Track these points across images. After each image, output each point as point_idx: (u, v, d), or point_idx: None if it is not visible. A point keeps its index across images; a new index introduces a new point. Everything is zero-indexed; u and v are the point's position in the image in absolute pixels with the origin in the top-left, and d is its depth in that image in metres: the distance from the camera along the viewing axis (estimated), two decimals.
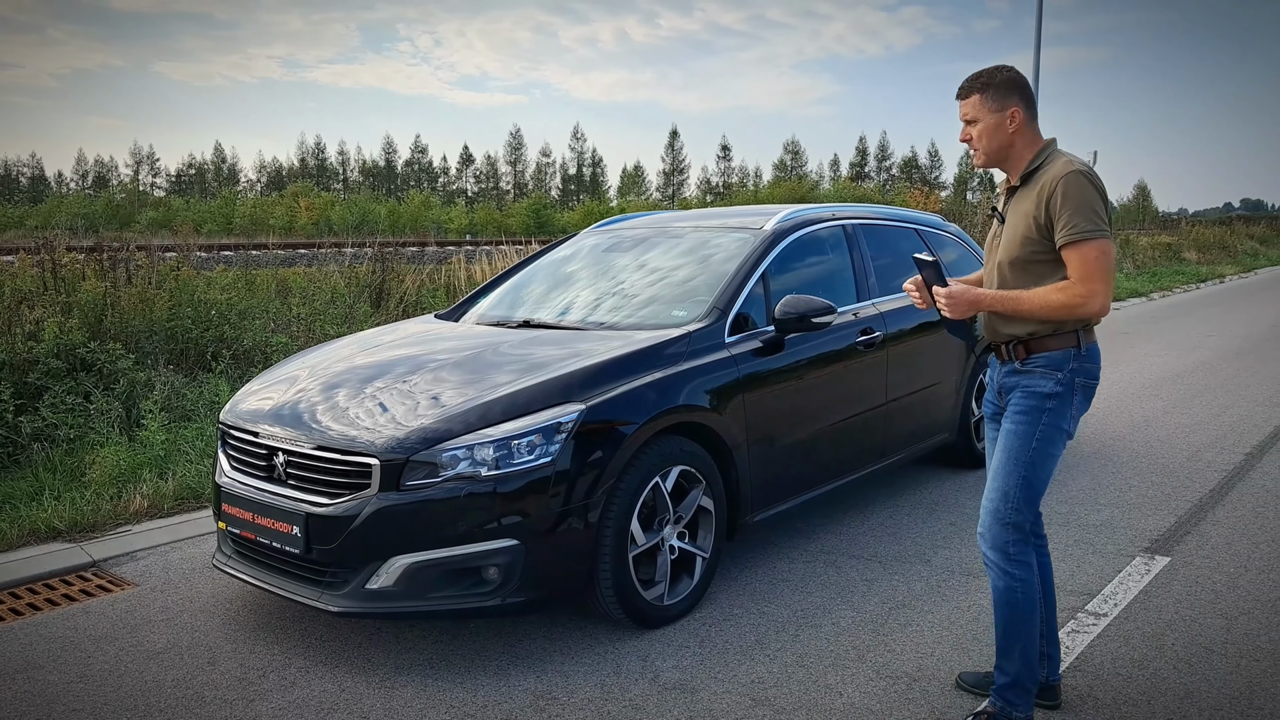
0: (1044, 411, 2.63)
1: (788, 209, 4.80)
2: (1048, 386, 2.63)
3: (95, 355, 6.10)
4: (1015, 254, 2.64)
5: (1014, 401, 2.69)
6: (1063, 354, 2.63)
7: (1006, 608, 2.69)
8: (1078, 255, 2.51)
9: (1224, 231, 35.67)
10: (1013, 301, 2.60)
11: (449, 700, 2.98)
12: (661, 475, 3.46)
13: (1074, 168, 2.54)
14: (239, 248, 18.67)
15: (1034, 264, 2.62)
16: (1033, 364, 2.66)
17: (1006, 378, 2.73)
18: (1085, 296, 2.51)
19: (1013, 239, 2.65)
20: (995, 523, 2.68)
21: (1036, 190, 2.59)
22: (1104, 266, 2.50)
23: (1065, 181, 2.52)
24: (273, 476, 3.41)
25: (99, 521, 4.57)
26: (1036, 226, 2.58)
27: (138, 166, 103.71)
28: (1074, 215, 2.50)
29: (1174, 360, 9.63)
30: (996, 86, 2.65)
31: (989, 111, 2.65)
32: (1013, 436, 2.66)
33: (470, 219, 63.73)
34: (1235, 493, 5.07)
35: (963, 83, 2.72)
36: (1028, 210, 2.61)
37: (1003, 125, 2.64)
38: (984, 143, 2.67)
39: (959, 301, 2.65)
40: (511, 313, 4.57)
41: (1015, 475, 2.65)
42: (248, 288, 9.17)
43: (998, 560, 2.68)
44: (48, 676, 3.17)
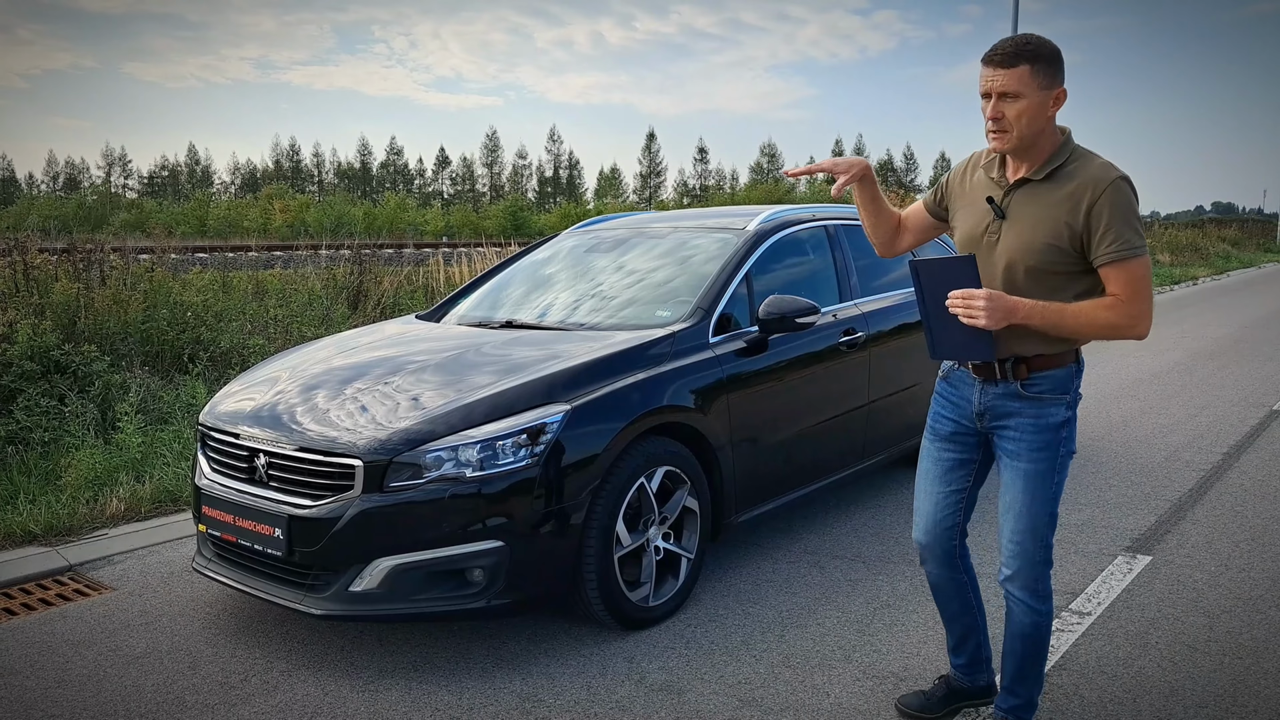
0: (1060, 442, 2.41)
1: (770, 209, 4.81)
2: (1060, 415, 2.40)
3: (69, 357, 6.01)
4: (1034, 261, 2.31)
5: (1025, 436, 2.42)
6: (1066, 372, 2.41)
7: (1032, 641, 2.54)
8: (1127, 273, 2.23)
9: (1196, 234, 36.16)
10: (1056, 314, 2.26)
11: (434, 703, 2.96)
12: (646, 476, 3.44)
13: (1118, 173, 2.25)
14: (214, 250, 18.47)
15: (1053, 275, 2.32)
16: (1038, 388, 2.40)
17: (1000, 401, 2.44)
18: (1136, 318, 2.25)
19: (1030, 244, 2.32)
20: (1028, 564, 2.46)
21: (1068, 192, 2.27)
22: (1149, 285, 2.27)
23: (1113, 190, 2.23)
24: (254, 478, 3.37)
25: (75, 525, 4.50)
26: (1070, 235, 2.26)
27: (109, 168, 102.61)
28: (1122, 229, 2.21)
29: (1150, 361, 9.73)
30: (1048, 59, 2.23)
31: (1038, 88, 2.23)
32: (1035, 477, 2.42)
33: (447, 221, 63.44)
34: (1214, 492, 5.12)
35: (1003, 48, 2.24)
36: (1054, 215, 2.28)
37: (1046, 107, 2.25)
38: (1023, 123, 2.25)
39: (998, 307, 2.22)
40: (493, 313, 4.55)
41: (1044, 514, 2.44)
42: (224, 289, 9.09)
43: (1027, 599, 2.50)
44: (25, 682, 3.11)
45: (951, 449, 2.61)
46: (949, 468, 2.62)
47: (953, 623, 2.79)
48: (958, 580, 2.72)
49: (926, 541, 2.69)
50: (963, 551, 2.71)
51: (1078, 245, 2.28)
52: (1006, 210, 2.38)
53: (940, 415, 2.62)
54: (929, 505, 2.66)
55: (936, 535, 2.67)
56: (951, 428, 2.59)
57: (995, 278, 2.39)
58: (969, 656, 2.81)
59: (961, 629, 2.79)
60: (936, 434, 2.64)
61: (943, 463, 2.62)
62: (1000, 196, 2.40)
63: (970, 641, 2.80)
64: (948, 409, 2.60)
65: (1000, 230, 2.39)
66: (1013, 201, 2.38)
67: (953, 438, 2.60)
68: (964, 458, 2.61)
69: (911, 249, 2.78)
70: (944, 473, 2.63)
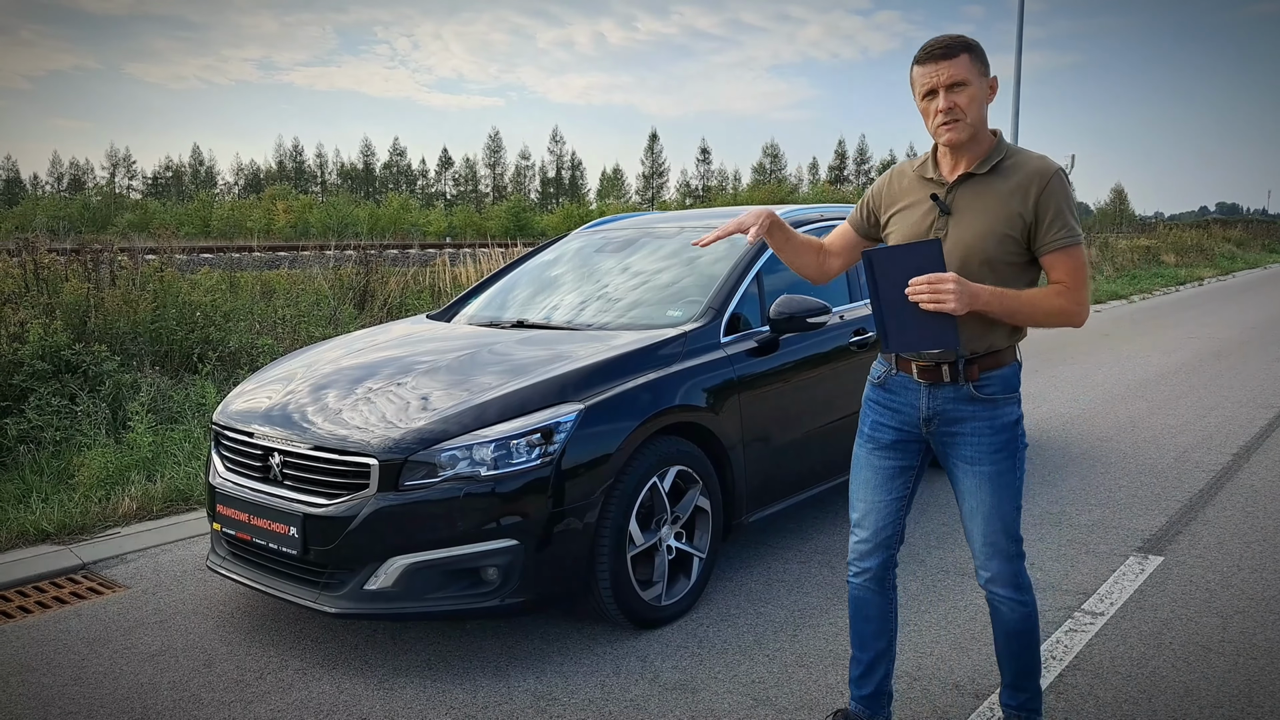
0: (1017, 440, 2.43)
1: (779, 209, 4.80)
2: (1014, 414, 2.42)
3: (80, 357, 6.02)
4: (991, 252, 2.33)
5: (981, 439, 2.41)
6: (1011, 370, 2.43)
7: (1024, 634, 2.53)
8: (1070, 260, 2.31)
9: (1201, 234, 36.09)
10: (1013, 300, 2.29)
11: (449, 701, 2.96)
12: (659, 475, 3.45)
13: (1058, 165, 2.34)
14: (220, 250, 18.50)
15: (1006, 265, 2.35)
16: (990, 389, 2.40)
17: (950, 405, 2.42)
18: (1082, 303, 2.32)
19: (983, 235, 2.33)
20: (1005, 562, 2.45)
21: (1013, 184, 2.32)
22: (1088, 273, 2.36)
23: (1057, 180, 2.31)
24: (268, 477, 3.38)
25: (88, 524, 4.51)
26: (1022, 225, 2.31)
27: (114, 169, 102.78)
28: (1069, 218, 2.30)
29: (1157, 362, 9.72)
30: (979, 49, 2.33)
31: (979, 74, 2.31)
32: (999, 477, 2.41)
33: (449, 222, 63.51)
34: (1224, 493, 5.11)
35: (940, 43, 2.31)
36: (1006, 207, 2.32)
37: (987, 94, 2.34)
38: (974, 111, 2.31)
39: (965, 290, 2.21)
40: (504, 313, 4.56)
41: (1012, 512, 2.44)
42: (231, 290, 9.11)
43: (1011, 595, 2.48)
44: (42, 679, 3.13)
45: (893, 457, 2.55)
46: (890, 476, 2.56)
47: (865, 648, 2.67)
48: (885, 597, 2.65)
49: (867, 550, 2.61)
50: (894, 562, 2.65)
51: (1027, 235, 2.34)
52: (952, 205, 2.39)
53: (879, 424, 2.55)
54: (871, 515, 2.59)
55: (877, 544, 2.60)
56: (894, 436, 2.53)
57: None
58: (875, 687, 2.68)
59: (873, 655, 2.67)
60: (876, 443, 2.56)
61: (884, 471, 2.56)
62: (944, 193, 2.41)
63: (879, 670, 2.68)
64: (887, 416, 2.54)
65: (947, 225, 2.39)
66: (958, 196, 2.39)
67: (895, 445, 2.54)
68: (905, 464, 2.56)
69: (843, 271, 2.77)
70: (885, 481, 2.56)
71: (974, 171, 2.37)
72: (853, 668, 2.71)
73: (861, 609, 2.67)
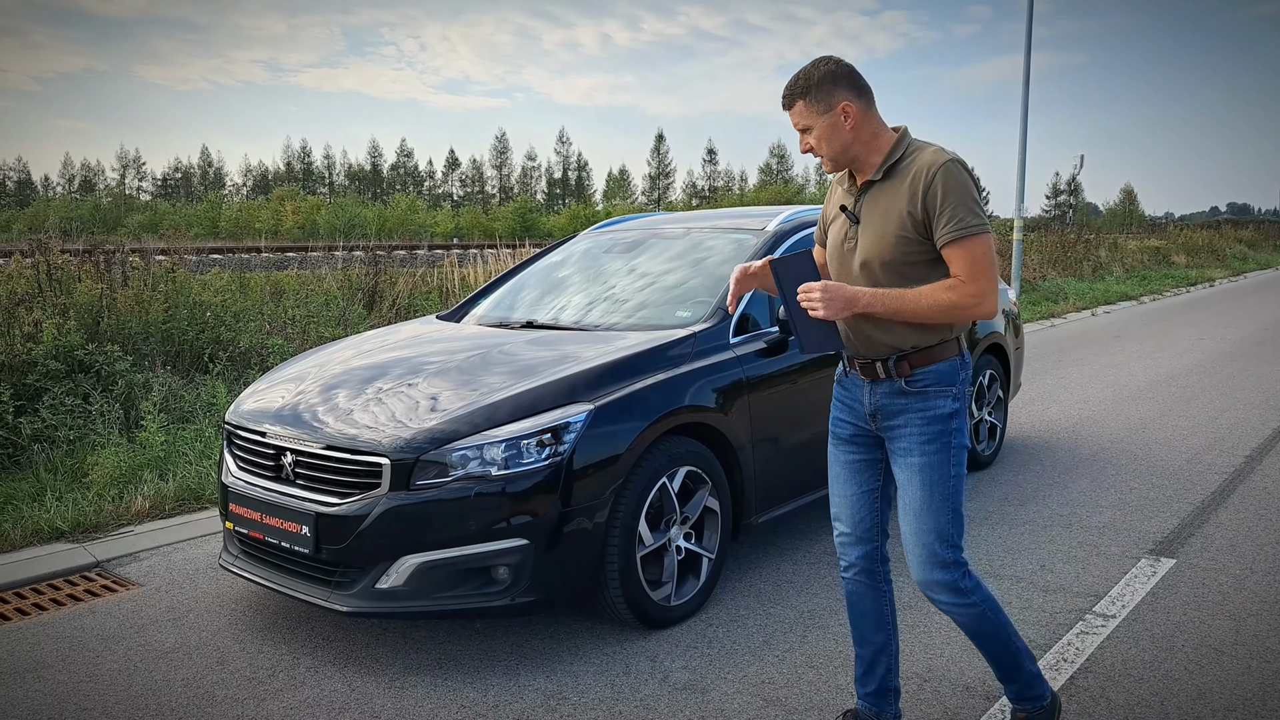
0: (950, 434, 2.41)
1: (788, 210, 4.82)
2: (947, 406, 2.41)
3: (93, 357, 6.06)
4: (888, 256, 2.37)
5: (912, 430, 2.43)
6: (950, 365, 2.42)
7: (986, 633, 2.51)
8: (965, 252, 2.28)
9: (1212, 235, 35.95)
10: (896, 300, 2.31)
11: (460, 700, 2.98)
12: (668, 476, 3.46)
13: (947, 156, 2.32)
14: (229, 251, 18.59)
15: (910, 265, 2.36)
16: (921, 382, 2.41)
17: (888, 399, 2.46)
18: (977, 296, 2.28)
19: (881, 239, 2.37)
20: (937, 567, 2.42)
21: (906, 184, 2.34)
22: (991, 262, 2.29)
23: (944, 172, 2.28)
24: (281, 476, 3.39)
25: (101, 522, 4.55)
26: (914, 223, 2.32)
27: (124, 170, 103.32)
28: (957, 209, 2.27)
29: (1167, 363, 9.69)
30: (817, 86, 2.37)
31: (818, 115, 2.37)
32: (928, 470, 2.41)
33: (456, 222, 63.65)
34: (1237, 495, 5.10)
35: (784, 90, 2.43)
36: (897, 207, 2.35)
37: (838, 125, 2.36)
38: (825, 147, 2.40)
39: (835, 297, 2.28)
40: (514, 314, 4.57)
41: (945, 511, 2.42)
42: (242, 290, 9.15)
43: (951, 600, 2.46)
44: (57, 676, 3.15)
45: (854, 451, 2.60)
46: (856, 469, 2.61)
47: (864, 643, 2.69)
48: (876, 590, 2.66)
49: (848, 542, 2.65)
50: (884, 554, 2.66)
51: (922, 232, 2.33)
52: (859, 214, 2.45)
53: (838, 419, 2.63)
54: (846, 509, 2.64)
55: (857, 535, 2.63)
56: (850, 430, 2.59)
57: (855, 277, 2.45)
58: (878, 684, 2.69)
59: (873, 650, 2.68)
60: (838, 437, 2.64)
61: (850, 465, 2.62)
62: (852, 203, 2.47)
63: (880, 665, 2.68)
64: (844, 411, 2.61)
65: (856, 235, 2.45)
66: (863, 205, 2.45)
67: (853, 439, 2.60)
68: (867, 458, 2.60)
69: None
70: (852, 475, 2.62)
71: (872, 179, 2.42)
72: (856, 666, 2.73)
73: (856, 604, 2.70)
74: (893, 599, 2.70)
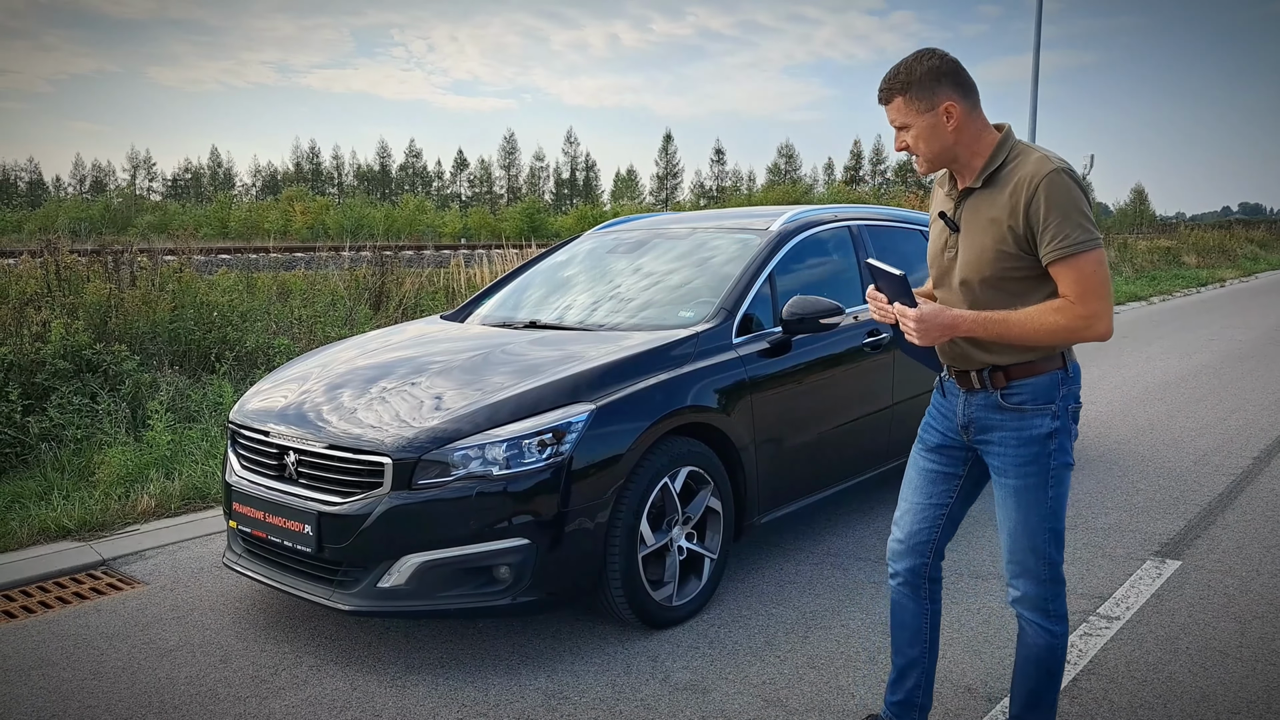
0: (1049, 455, 2.27)
1: (792, 210, 4.81)
2: (1045, 426, 2.27)
3: (101, 357, 6.10)
4: (987, 272, 2.24)
5: (1008, 450, 2.31)
6: (1049, 379, 2.27)
7: (1045, 664, 2.39)
8: (1074, 270, 2.12)
9: (1224, 235, 35.76)
10: (1000, 324, 2.18)
11: (460, 699, 2.98)
12: (670, 476, 3.46)
13: (1053, 165, 2.14)
14: (237, 251, 18.66)
15: (1011, 281, 2.23)
16: (1018, 397, 2.28)
17: (982, 413, 2.34)
18: (1088, 318, 2.13)
19: (981, 254, 2.25)
20: (1034, 584, 2.34)
21: (1007, 193, 2.19)
22: (1103, 280, 2.13)
23: (1048, 183, 2.13)
24: (284, 476, 3.41)
25: (107, 521, 4.58)
26: (1014, 238, 2.18)
27: (134, 171, 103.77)
28: (1064, 224, 2.11)
29: (1176, 364, 9.65)
30: (919, 82, 2.22)
31: (917, 113, 2.23)
32: (1024, 492, 2.30)
33: (464, 223, 63.67)
34: (1244, 497, 5.07)
35: (881, 83, 2.28)
36: (997, 218, 2.21)
37: (939, 125, 2.22)
38: (923, 148, 2.26)
39: (931, 325, 2.20)
40: (517, 314, 4.58)
41: (1042, 531, 2.31)
42: (248, 290, 9.18)
43: (1038, 620, 2.36)
44: (61, 674, 3.17)
45: (936, 461, 2.51)
46: (931, 479, 2.52)
47: (899, 653, 2.64)
48: (919, 606, 2.59)
49: (899, 550, 2.58)
50: (934, 575, 2.58)
51: (1025, 247, 2.19)
52: (959, 222, 2.32)
53: (929, 425, 2.53)
54: (906, 516, 2.56)
55: (909, 546, 2.56)
56: (938, 439, 2.50)
57: (955, 291, 2.33)
58: (905, 694, 2.64)
59: (906, 662, 2.63)
60: (924, 443, 2.55)
61: (926, 473, 2.52)
62: (952, 209, 2.35)
63: (910, 679, 2.63)
64: (937, 419, 2.51)
65: (956, 245, 2.33)
66: (963, 212, 2.32)
67: (939, 449, 2.50)
68: (947, 471, 2.50)
69: None
70: (926, 483, 2.52)
71: (972, 186, 2.28)
72: (891, 671, 2.68)
73: (896, 613, 2.64)
74: (936, 618, 2.61)
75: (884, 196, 61.74)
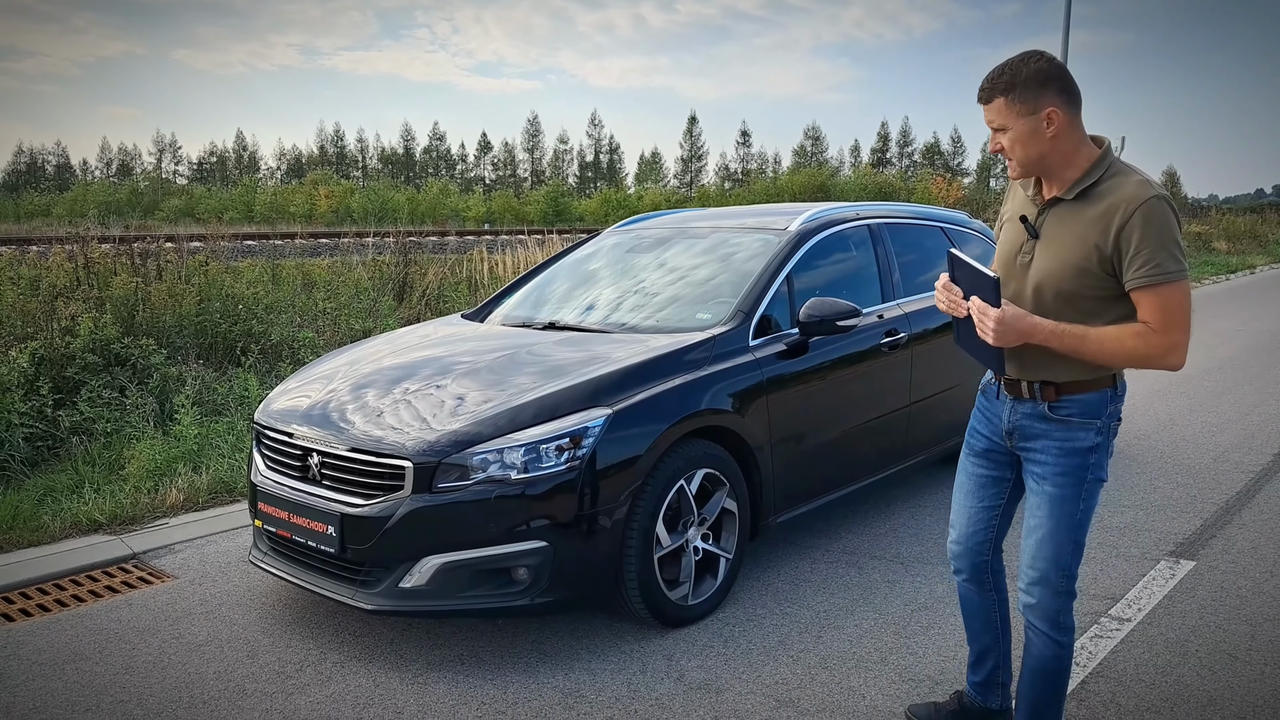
0: (1087, 469, 2.32)
1: (812, 209, 4.82)
2: (1088, 440, 2.31)
3: (129, 350, 6.22)
4: (1064, 285, 2.24)
5: (1049, 459, 2.35)
6: (1099, 396, 2.31)
7: (1051, 676, 2.45)
8: (1160, 299, 2.12)
9: (1255, 220, 35.27)
10: (1077, 339, 2.19)
11: (480, 696, 3.06)
12: (686, 478, 3.51)
13: (1153, 192, 2.13)
14: (263, 237, 18.84)
15: (1085, 299, 2.23)
16: (1066, 411, 2.31)
17: (1028, 421, 2.38)
18: (1168, 348, 2.14)
19: (1062, 267, 2.24)
20: (1048, 593, 2.38)
21: (1100, 212, 2.18)
22: (1188, 312, 2.14)
23: (1147, 210, 2.12)
24: (308, 477, 3.49)
25: (137, 514, 4.69)
26: (1100, 258, 2.18)
27: (160, 154, 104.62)
28: (1156, 252, 2.11)
29: (1201, 356, 9.57)
30: (1024, 84, 2.19)
31: (1018, 116, 2.20)
32: (1058, 502, 2.34)
33: (488, 207, 63.75)
34: (1262, 495, 5.06)
35: (983, 84, 2.26)
36: (1085, 235, 2.20)
37: (1039, 131, 2.20)
38: (1019, 152, 2.24)
39: (1010, 329, 2.19)
40: (537, 314, 4.63)
41: (1067, 543, 2.35)
42: (273, 280, 9.29)
43: (1047, 630, 2.41)
44: (94, 668, 3.27)
45: (984, 466, 2.59)
46: (981, 484, 2.61)
47: (974, 639, 2.79)
48: (985, 598, 2.72)
49: (958, 551, 2.71)
50: (995, 567, 2.70)
51: (1109, 269, 2.19)
52: (1040, 230, 2.32)
53: (975, 430, 2.60)
54: (961, 519, 2.68)
55: (967, 547, 2.68)
56: (984, 444, 2.56)
57: (1026, 298, 2.33)
58: (985, 675, 2.79)
59: (981, 647, 2.78)
60: (971, 449, 2.62)
61: (975, 478, 2.61)
62: (1035, 215, 2.35)
63: (989, 661, 2.77)
64: (982, 424, 2.57)
65: (1033, 251, 2.33)
66: (1046, 221, 2.31)
67: (985, 454, 2.57)
68: (996, 475, 2.58)
69: None
70: (976, 488, 2.62)
71: (1062, 196, 2.27)
72: (969, 654, 2.84)
73: (965, 605, 2.79)
74: (1004, 605, 2.73)
75: (910, 180, 61.20)
